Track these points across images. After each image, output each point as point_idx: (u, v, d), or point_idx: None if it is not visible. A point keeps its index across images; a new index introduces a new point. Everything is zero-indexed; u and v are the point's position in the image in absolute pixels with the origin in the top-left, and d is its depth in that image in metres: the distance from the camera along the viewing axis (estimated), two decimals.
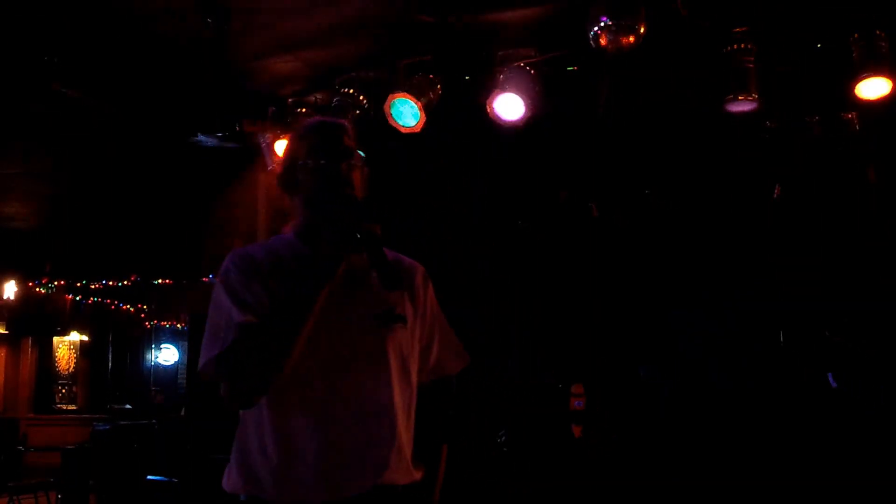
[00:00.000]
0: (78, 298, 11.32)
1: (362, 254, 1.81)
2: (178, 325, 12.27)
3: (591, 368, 6.53)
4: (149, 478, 6.53)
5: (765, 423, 5.78)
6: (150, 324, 12.30)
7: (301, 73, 4.81)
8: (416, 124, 4.46)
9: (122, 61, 4.63)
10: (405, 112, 4.44)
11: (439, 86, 4.50)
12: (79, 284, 10.73)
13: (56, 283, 10.50)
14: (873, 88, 3.91)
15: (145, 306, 11.86)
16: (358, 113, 4.68)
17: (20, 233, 8.85)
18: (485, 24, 4.29)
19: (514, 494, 6.01)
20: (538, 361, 6.79)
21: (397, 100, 4.42)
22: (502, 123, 4.34)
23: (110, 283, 10.57)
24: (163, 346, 12.82)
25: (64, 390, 12.52)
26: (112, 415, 10.25)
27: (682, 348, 6.67)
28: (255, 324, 1.76)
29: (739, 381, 6.17)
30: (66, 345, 12.60)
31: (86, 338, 12.77)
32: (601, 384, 6.42)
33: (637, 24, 3.67)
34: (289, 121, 4.92)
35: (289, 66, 4.76)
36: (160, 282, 10.46)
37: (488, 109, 4.29)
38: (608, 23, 3.66)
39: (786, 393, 6.00)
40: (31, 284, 10.54)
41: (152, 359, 12.82)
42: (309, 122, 2.08)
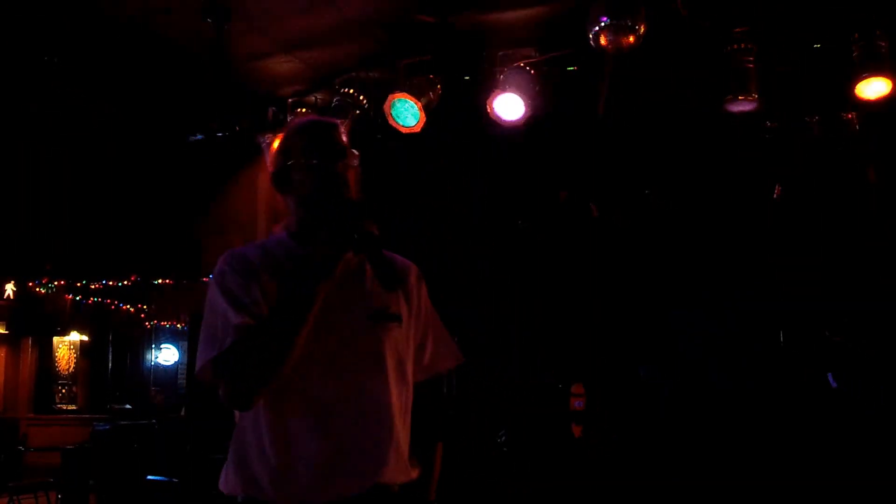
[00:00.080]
0: (78, 298, 11.32)
1: (359, 253, 1.81)
2: (178, 325, 12.27)
3: (591, 368, 6.53)
4: (149, 478, 6.52)
5: (765, 423, 5.78)
6: (150, 324, 12.30)
7: (301, 73, 4.81)
8: (416, 124, 4.46)
9: (122, 61, 4.64)
10: (405, 112, 4.44)
11: (439, 86, 4.50)
12: (79, 284, 10.73)
13: (56, 283, 10.50)
14: (873, 88, 3.91)
15: (145, 306, 11.85)
16: (358, 113, 4.68)
17: (20, 233, 8.85)
18: (485, 24, 4.29)
19: (514, 494, 6.01)
20: (538, 361, 6.78)
21: (397, 100, 4.42)
22: (502, 123, 4.34)
23: (110, 283, 10.57)
24: (163, 346, 12.82)
25: (64, 390, 12.52)
26: (112, 415, 10.25)
27: (682, 348, 6.66)
28: (253, 325, 1.76)
29: (739, 381, 6.17)
30: (66, 345, 12.60)
31: (86, 338, 12.77)
32: (601, 384, 6.42)
33: (637, 24, 3.67)
34: (289, 121, 4.93)
35: (289, 66, 4.76)
36: (160, 282, 10.45)
37: (488, 109, 4.29)
38: (608, 23, 3.66)
39: (786, 393, 6.00)
40: (31, 284, 10.54)
41: (152, 359, 12.83)
42: (302, 120, 2.07)
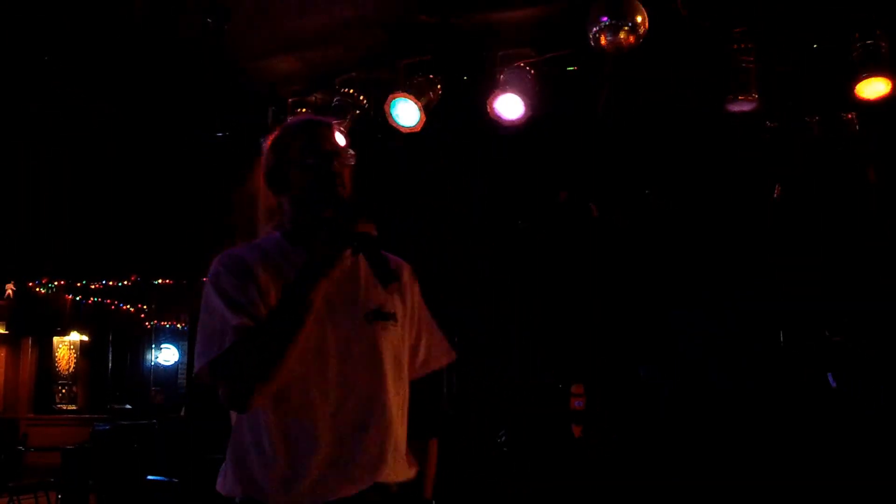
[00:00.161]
0: (78, 298, 11.32)
1: (357, 254, 1.80)
2: (178, 325, 12.28)
3: (591, 368, 6.53)
4: (149, 478, 6.52)
5: (765, 423, 5.78)
6: (150, 324, 12.30)
7: (301, 73, 4.80)
8: (416, 124, 4.46)
9: (122, 61, 4.63)
10: (405, 112, 4.44)
11: (439, 86, 4.49)
12: (79, 284, 10.73)
13: (56, 283, 10.50)
14: (873, 88, 3.91)
15: (145, 306, 11.86)
16: (358, 113, 4.68)
17: (20, 233, 8.84)
18: (485, 24, 4.29)
19: (514, 494, 6.01)
20: (538, 361, 6.78)
21: (397, 100, 4.42)
22: (502, 123, 4.33)
23: (110, 283, 10.57)
24: (163, 346, 12.83)
25: (64, 390, 12.52)
26: (112, 415, 10.26)
27: (682, 348, 6.66)
28: (252, 326, 1.75)
29: (739, 381, 6.17)
30: (66, 345, 12.60)
31: (86, 338, 12.77)
32: (601, 384, 6.42)
33: (637, 25, 3.67)
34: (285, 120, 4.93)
35: (289, 66, 4.76)
36: (160, 282, 10.46)
37: (488, 109, 4.29)
38: (608, 23, 3.66)
39: (786, 393, 6.00)
40: (31, 284, 10.54)
41: (152, 359, 12.83)
42: (297, 119, 2.08)
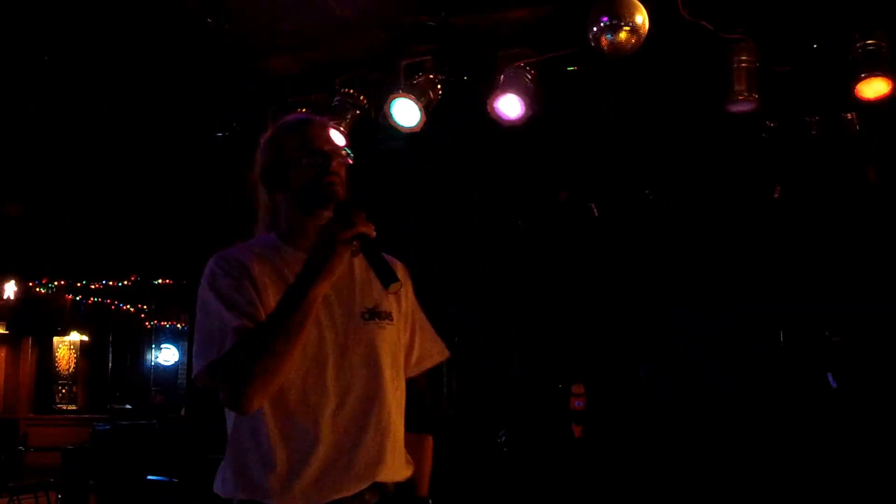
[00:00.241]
0: (78, 298, 11.33)
1: (357, 254, 1.79)
2: (178, 325, 12.28)
3: (591, 368, 6.53)
4: (149, 478, 6.52)
5: (765, 423, 5.78)
6: (150, 324, 12.31)
7: (301, 73, 4.80)
8: (416, 124, 4.46)
9: (122, 61, 4.63)
10: (405, 112, 4.44)
11: (439, 86, 4.49)
12: (79, 284, 10.73)
13: (56, 283, 10.50)
14: (873, 88, 3.90)
15: (145, 306, 11.86)
16: (358, 113, 4.68)
17: (20, 233, 8.84)
18: (485, 24, 4.29)
19: (514, 494, 6.01)
20: (538, 361, 6.78)
21: (397, 100, 4.42)
22: (502, 123, 4.33)
23: (110, 283, 10.58)
24: (163, 346, 12.83)
25: (64, 390, 12.52)
26: (112, 415, 10.27)
27: (682, 348, 6.67)
28: (252, 327, 1.73)
29: (739, 381, 6.17)
30: (66, 345, 12.60)
31: (86, 338, 12.77)
32: (601, 384, 6.42)
33: (638, 25, 3.66)
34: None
35: (289, 66, 4.76)
36: (160, 282, 10.46)
37: (488, 109, 4.29)
38: (608, 23, 3.66)
39: (786, 393, 6.00)
40: (31, 284, 10.54)
41: (152, 359, 12.84)
42: (294, 117, 2.05)
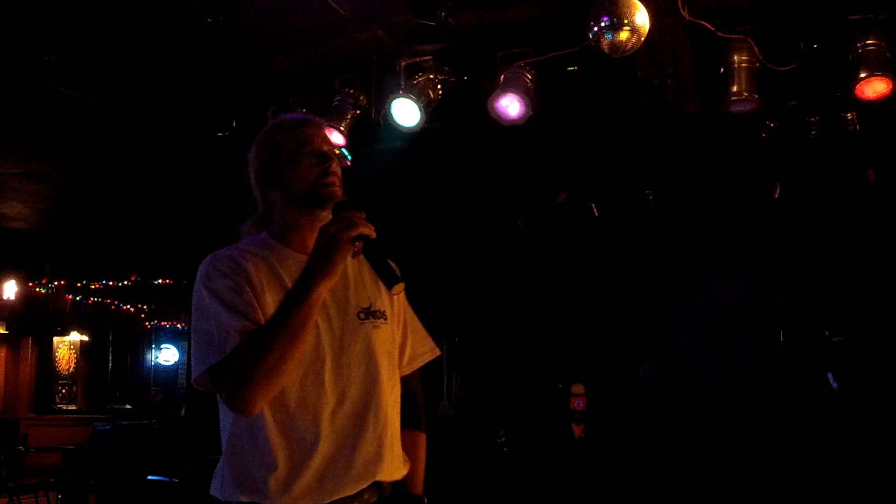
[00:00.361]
0: (78, 298, 11.31)
1: (358, 255, 1.78)
2: (178, 325, 12.26)
3: (591, 368, 6.53)
4: (149, 478, 6.53)
5: (765, 423, 5.78)
6: (150, 324, 12.29)
7: (301, 73, 4.80)
8: (416, 124, 4.46)
9: (122, 61, 4.63)
10: (405, 112, 4.44)
11: (439, 86, 4.49)
12: (79, 284, 10.73)
13: (56, 283, 10.50)
14: (873, 88, 3.90)
15: (145, 306, 11.85)
16: (358, 113, 4.68)
17: (20, 233, 8.85)
18: (484, 24, 4.29)
19: (514, 494, 6.01)
20: (538, 361, 6.79)
21: (397, 99, 4.42)
22: (502, 123, 4.33)
23: (110, 283, 10.57)
24: (163, 346, 12.82)
25: (64, 390, 12.50)
26: (112, 415, 10.26)
27: (681, 348, 6.67)
28: (254, 330, 1.72)
29: (739, 381, 6.18)
30: (66, 345, 12.58)
31: (86, 338, 12.75)
32: (601, 384, 6.42)
33: (638, 25, 3.66)
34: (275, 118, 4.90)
35: (289, 66, 4.76)
36: (160, 282, 10.46)
37: (488, 109, 4.29)
38: (608, 23, 3.66)
39: (786, 393, 6.00)
40: (31, 284, 10.54)
41: (152, 359, 12.82)
42: (292, 116, 2.03)
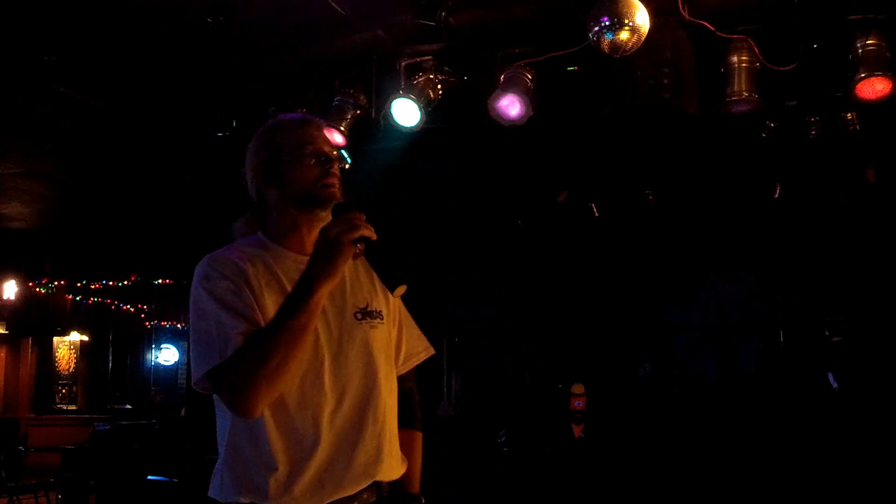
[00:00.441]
0: (78, 298, 11.30)
1: (359, 257, 1.78)
2: (178, 325, 12.26)
3: (591, 368, 6.53)
4: (149, 478, 6.53)
5: (764, 423, 5.79)
6: (150, 324, 12.28)
7: (301, 73, 4.80)
8: (417, 124, 4.46)
9: (122, 61, 4.63)
10: (405, 112, 4.44)
11: (439, 86, 4.50)
12: (79, 284, 10.72)
13: (56, 283, 10.49)
14: (873, 88, 3.90)
15: (145, 306, 11.84)
16: (358, 113, 4.68)
17: (20, 233, 8.85)
18: (484, 24, 4.29)
19: (514, 494, 6.01)
20: (538, 361, 6.79)
21: (397, 99, 4.42)
22: (503, 123, 4.33)
23: (110, 283, 10.56)
24: (163, 346, 12.80)
25: (64, 390, 12.50)
26: (112, 415, 10.24)
27: (680, 348, 6.67)
28: (255, 331, 1.70)
29: (739, 381, 6.18)
30: (66, 345, 12.58)
31: (86, 338, 12.75)
32: (601, 384, 6.42)
33: (638, 25, 3.66)
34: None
35: (289, 66, 4.76)
36: (160, 282, 10.45)
37: (489, 109, 4.29)
38: (608, 23, 3.66)
39: (786, 393, 6.00)
40: (31, 284, 10.53)
41: (152, 359, 12.81)
42: (293, 116, 2.02)
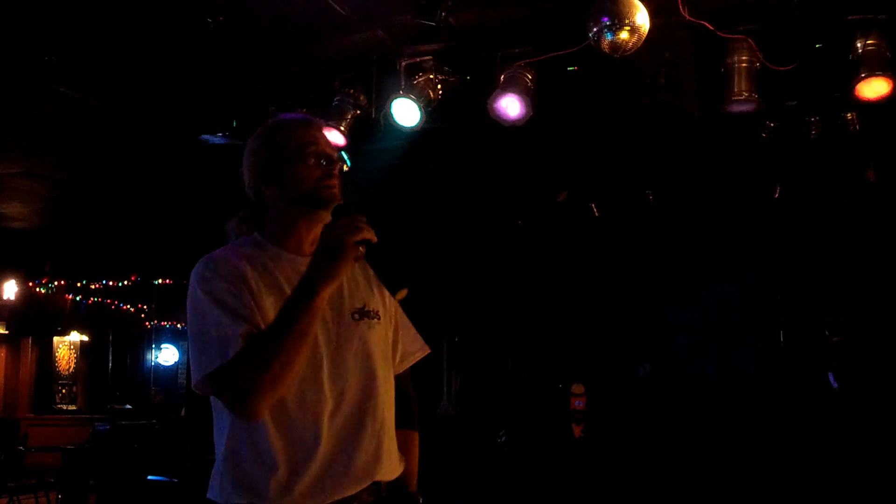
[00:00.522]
0: (78, 298, 11.31)
1: (360, 259, 1.78)
2: (178, 325, 12.26)
3: (591, 368, 6.53)
4: (149, 478, 6.53)
5: (765, 423, 5.79)
6: (150, 324, 12.28)
7: (302, 72, 4.80)
8: (417, 124, 4.46)
9: (122, 61, 4.63)
10: (405, 112, 4.44)
11: (439, 86, 4.50)
12: (79, 284, 10.73)
13: (56, 283, 10.50)
14: (873, 88, 3.90)
15: (145, 306, 11.84)
16: (358, 113, 4.68)
17: (20, 233, 8.85)
18: (484, 24, 4.29)
19: (514, 494, 6.01)
20: (538, 361, 6.79)
21: (397, 99, 4.42)
22: (503, 123, 4.33)
23: (110, 283, 10.56)
24: (163, 346, 12.81)
25: (64, 390, 12.50)
26: (112, 415, 10.25)
27: (680, 348, 6.67)
28: (256, 333, 1.70)
29: (739, 381, 6.18)
30: (66, 345, 12.58)
31: (86, 338, 12.75)
32: (601, 384, 6.43)
33: (638, 25, 3.66)
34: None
35: (289, 66, 4.76)
36: (160, 282, 10.45)
37: (489, 109, 4.29)
38: (608, 23, 3.66)
39: (786, 393, 6.00)
40: (31, 284, 10.54)
41: (152, 359, 12.82)
42: (294, 116, 2.02)
